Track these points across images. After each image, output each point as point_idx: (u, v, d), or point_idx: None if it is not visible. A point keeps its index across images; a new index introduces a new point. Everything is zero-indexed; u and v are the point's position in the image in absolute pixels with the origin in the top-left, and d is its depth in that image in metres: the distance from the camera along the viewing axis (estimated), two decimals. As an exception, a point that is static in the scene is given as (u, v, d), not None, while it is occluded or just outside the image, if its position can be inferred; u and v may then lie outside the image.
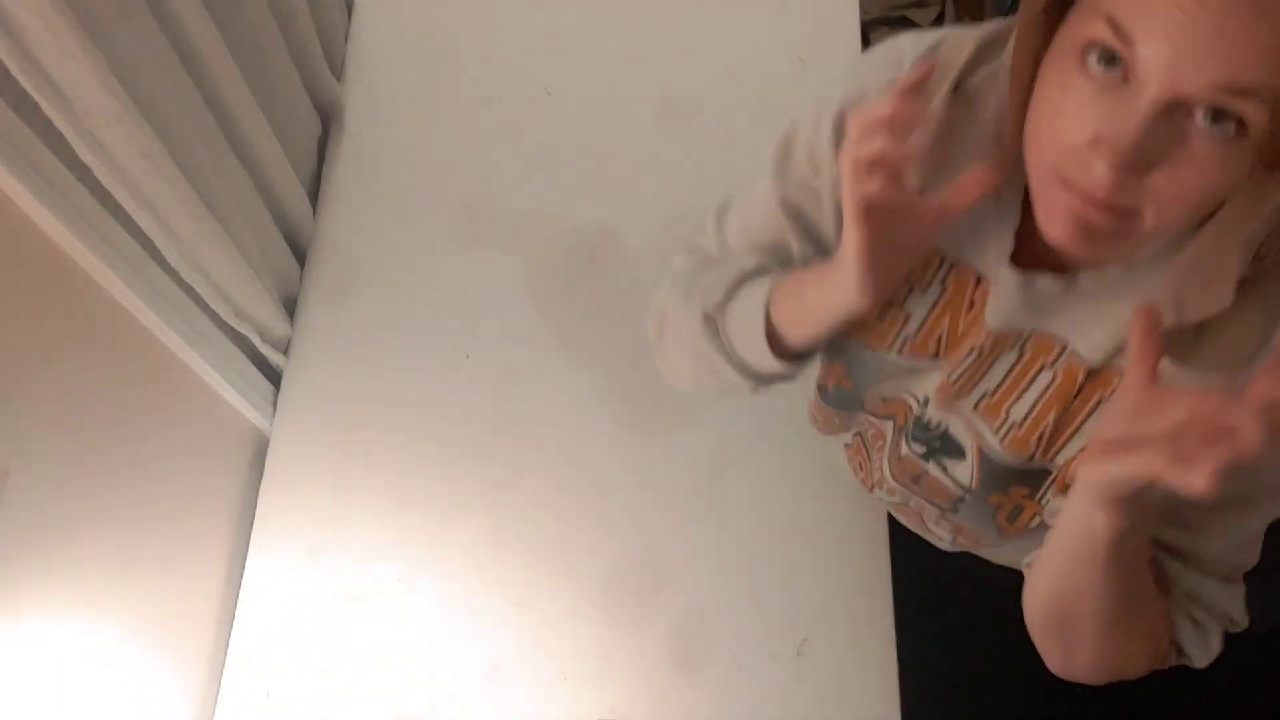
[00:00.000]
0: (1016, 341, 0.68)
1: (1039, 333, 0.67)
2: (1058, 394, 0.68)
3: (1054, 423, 0.69)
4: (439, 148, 1.37)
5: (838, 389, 0.84)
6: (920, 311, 0.72)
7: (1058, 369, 0.67)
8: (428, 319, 1.26)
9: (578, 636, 1.09)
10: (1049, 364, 0.68)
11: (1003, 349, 0.69)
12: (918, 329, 0.73)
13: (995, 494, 0.76)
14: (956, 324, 0.71)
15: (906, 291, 0.72)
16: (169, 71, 0.91)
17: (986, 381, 0.71)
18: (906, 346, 0.74)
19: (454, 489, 1.16)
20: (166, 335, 0.97)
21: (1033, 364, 0.69)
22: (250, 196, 1.11)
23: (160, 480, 1.01)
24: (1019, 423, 0.71)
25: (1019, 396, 0.70)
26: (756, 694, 1.06)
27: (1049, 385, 0.68)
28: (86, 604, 0.88)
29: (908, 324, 0.73)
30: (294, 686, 1.07)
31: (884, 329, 0.75)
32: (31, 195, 0.76)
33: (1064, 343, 0.66)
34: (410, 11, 1.47)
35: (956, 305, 0.71)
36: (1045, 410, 0.69)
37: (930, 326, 0.73)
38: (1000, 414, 0.72)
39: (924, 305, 0.72)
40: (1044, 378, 0.68)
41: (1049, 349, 0.67)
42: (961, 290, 0.70)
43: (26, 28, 0.71)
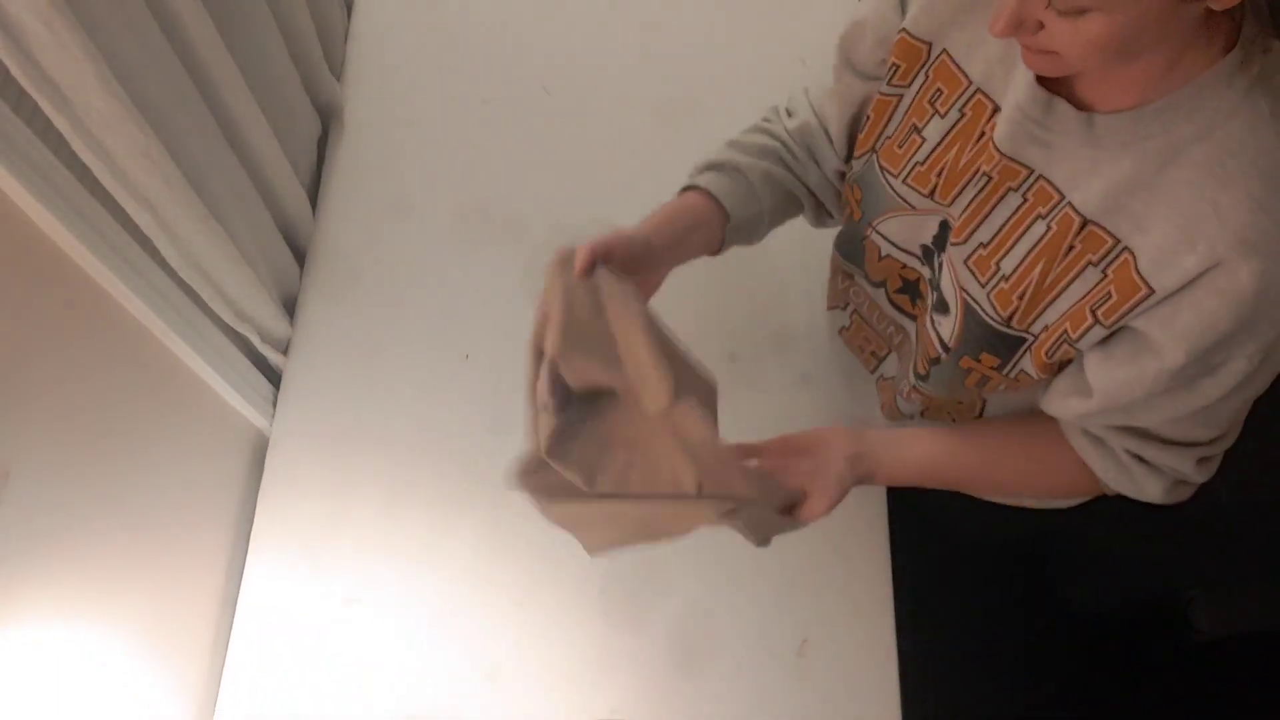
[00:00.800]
0: (1021, 183, 0.71)
1: (1044, 177, 0.70)
2: (1048, 246, 0.71)
3: (1039, 278, 0.72)
4: (439, 148, 1.37)
5: (849, 223, 0.91)
6: (934, 137, 0.77)
7: (1052, 220, 0.70)
8: (428, 319, 1.26)
9: (578, 636, 1.09)
10: (1044, 214, 0.71)
11: (1007, 186, 0.72)
12: (927, 156, 0.78)
13: (968, 358, 0.80)
14: (960, 156, 0.75)
15: (929, 116, 0.76)
16: (169, 71, 0.91)
17: (986, 227, 0.75)
18: (913, 174, 0.79)
19: (454, 489, 1.16)
20: (166, 335, 0.97)
21: (1030, 212, 0.72)
22: (250, 196, 1.11)
23: (160, 480, 1.01)
24: (1007, 275, 0.74)
25: (1011, 248, 0.73)
26: (756, 694, 1.06)
27: (1041, 237, 0.71)
28: (86, 604, 0.88)
29: (920, 149, 0.78)
30: (294, 686, 1.07)
31: (901, 153, 0.80)
32: (31, 195, 0.76)
33: (1062, 194, 0.69)
34: (410, 11, 1.47)
35: (967, 134, 0.74)
36: (1033, 263, 0.72)
37: (938, 156, 0.77)
38: (990, 267, 0.75)
39: (939, 132, 0.76)
40: (1037, 228, 0.71)
41: (1048, 198, 0.70)
42: (977, 119, 0.73)
43: (26, 28, 0.71)
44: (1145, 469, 0.75)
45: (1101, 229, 0.67)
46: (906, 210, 0.82)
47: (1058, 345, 0.72)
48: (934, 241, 0.82)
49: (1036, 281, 0.72)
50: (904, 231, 0.84)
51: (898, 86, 0.79)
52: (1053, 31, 0.58)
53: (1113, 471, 0.77)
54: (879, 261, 0.88)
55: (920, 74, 0.76)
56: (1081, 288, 0.70)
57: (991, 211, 0.74)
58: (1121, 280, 0.66)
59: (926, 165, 0.78)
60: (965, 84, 0.73)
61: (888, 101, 0.80)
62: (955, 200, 0.77)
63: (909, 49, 0.76)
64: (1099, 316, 0.68)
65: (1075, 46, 0.58)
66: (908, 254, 0.85)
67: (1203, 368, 0.66)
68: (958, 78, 0.74)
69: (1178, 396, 0.68)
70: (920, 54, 0.75)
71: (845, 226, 0.92)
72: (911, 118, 0.78)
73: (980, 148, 0.73)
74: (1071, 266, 0.70)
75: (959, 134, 0.75)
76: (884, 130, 0.82)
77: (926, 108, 0.77)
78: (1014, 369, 0.77)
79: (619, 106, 1.39)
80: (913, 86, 0.78)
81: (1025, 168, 0.71)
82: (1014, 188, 0.72)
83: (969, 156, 0.74)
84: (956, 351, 0.80)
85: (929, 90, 0.76)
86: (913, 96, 0.78)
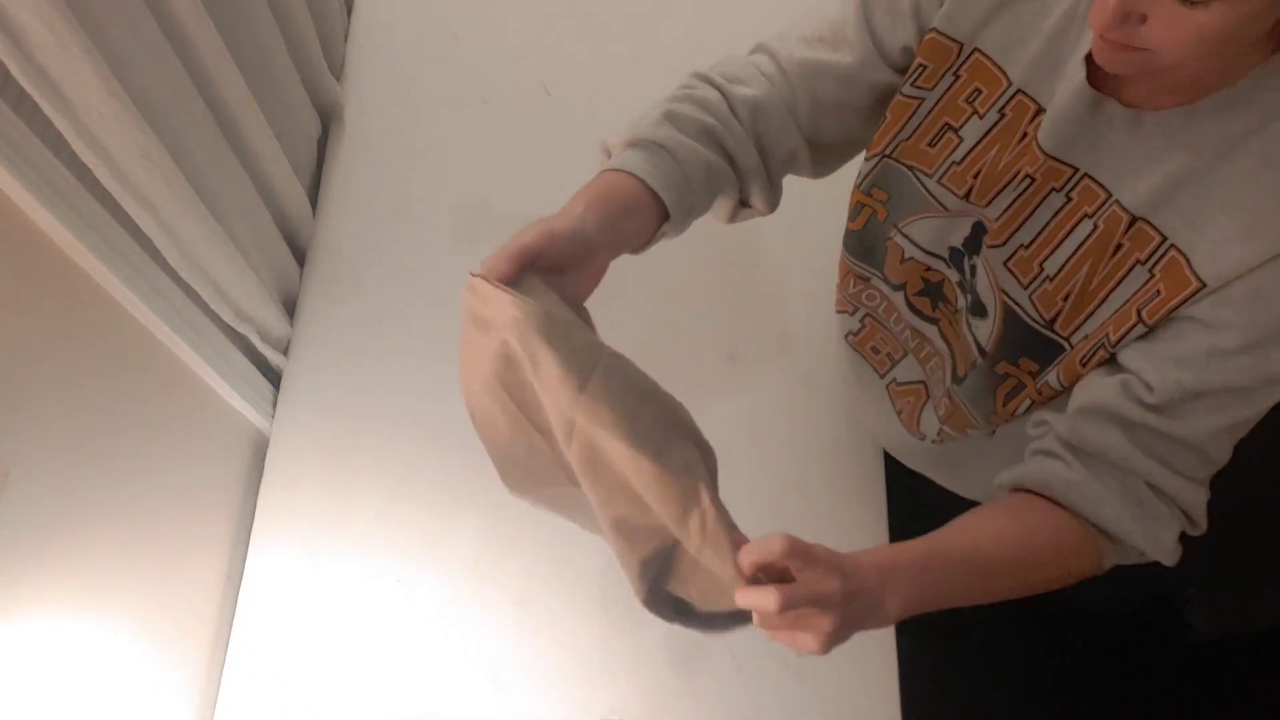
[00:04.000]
0: (1065, 183, 0.70)
1: (1089, 175, 0.69)
2: (1095, 245, 0.70)
3: (1085, 279, 0.70)
4: (439, 148, 1.37)
5: (870, 222, 0.86)
6: (972, 138, 0.75)
7: (1099, 219, 0.69)
8: (428, 319, 1.26)
9: (578, 636, 1.09)
10: (1091, 213, 0.69)
11: (1050, 186, 0.71)
12: (964, 156, 0.75)
13: (1006, 362, 0.78)
14: (1000, 158, 0.73)
15: (967, 115, 0.75)
16: (169, 72, 0.91)
17: (1028, 228, 0.73)
18: (948, 174, 0.77)
19: (454, 489, 1.16)
20: (166, 335, 0.97)
21: (1075, 211, 0.70)
22: (250, 196, 1.11)
23: (160, 480, 1.01)
24: (1051, 276, 0.72)
25: (1056, 248, 0.72)
26: (756, 694, 1.06)
27: (1088, 236, 0.70)
28: (87, 603, 0.88)
29: (957, 149, 0.76)
30: (294, 686, 1.07)
31: (934, 154, 0.78)
32: (31, 195, 0.76)
33: (1110, 192, 0.68)
34: (410, 12, 1.47)
35: (1008, 136, 0.73)
36: (1079, 264, 0.71)
37: (975, 156, 0.75)
38: (1033, 268, 0.73)
39: (977, 132, 0.74)
40: (1084, 228, 0.70)
41: (1094, 197, 0.69)
42: (1019, 119, 0.72)
43: (26, 28, 0.71)
44: (1162, 508, 0.70)
45: (1150, 226, 0.66)
46: (939, 212, 0.80)
47: (1094, 351, 0.71)
48: (965, 244, 0.80)
49: (1083, 283, 0.70)
50: (932, 234, 0.82)
51: (921, 89, 0.76)
52: (1154, 24, 0.56)
53: (1127, 517, 0.70)
54: (901, 264, 0.86)
55: (948, 75, 0.75)
56: (1128, 289, 0.68)
57: (1033, 213, 0.73)
58: (1171, 278, 0.65)
59: (964, 166, 0.76)
60: (1005, 84, 0.72)
61: (909, 104, 0.77)
62: (992, 202, 0.75)
63: (939, 49, 0.74)
64: (1144, 316, 0.67)
65: (1179, 41, 0.56)
66: (933, 256, 0.83)
67: (1259, 362, 0.64)
68: (997, 78, 0.72)
69: (1231, 400, 0.66)
70: (950, 54, 0.74)
71: (863, 228, 0.88)
72: (944, 116, 0.76)
73: (1022, 149, 0.72)
74: (1119, 266, 0.69)
75: (999, 135, 0.73)
76: (899, 133, 0.79)
77: (963, 107, 0.75)
78: (1042, 379, 0.76)
79: (619, 106, 1.39)
80: (937, 89, 0.76)
81: (1070, 167, 0.70)
82: (1057, 188, 0.71)
83: (1010, 158, 0.73)
84: (993, 356, 0.79)
85: (964, 90, 0.74)
86: (939, 96, 0.76)
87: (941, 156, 0.77)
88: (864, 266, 0.91)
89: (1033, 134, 0.71)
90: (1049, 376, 0.75)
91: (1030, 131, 0.71)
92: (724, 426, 1.20)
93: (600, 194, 0.74)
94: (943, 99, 0.76)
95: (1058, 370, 0.74)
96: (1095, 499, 0.70)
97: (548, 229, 0.69)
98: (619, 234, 0.74)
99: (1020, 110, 0.72)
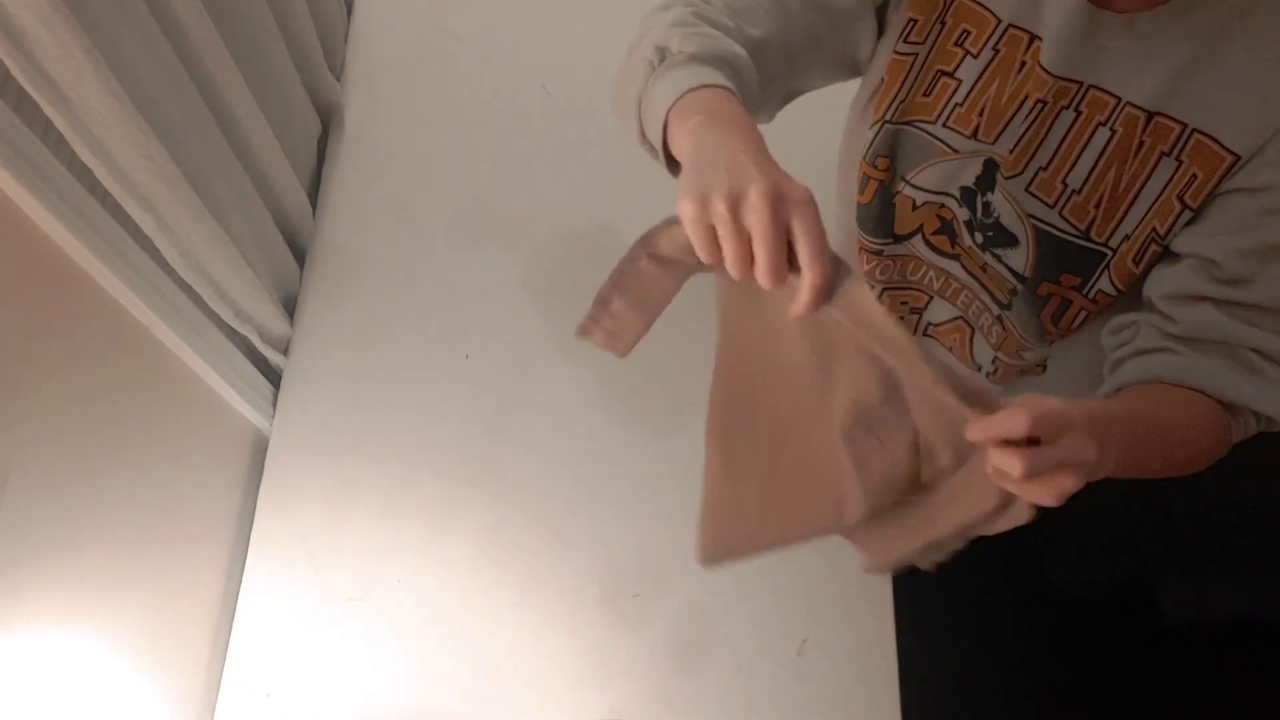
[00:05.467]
0: (1074, 97, 0.72)
1: (1094, 86, 0.71)
2: (1117, 150, 0.71)
3: (1112, 183, 0.72)
4: (439, 148, 1.37)
5: (877, 192, 0.85)
6: (970, 78, 0.76)
7: (1114, 123, 0.71)
8: (428, 319, 1.26)
9: (578, 636, 1.09)
10: (1104, 120, 0.71)
11: (1061, 104, 0.72)
12: (965, 96, 0.77)
13: (1047, 282, 0.78)
14: (1003, 91, 0.75)
15: (960, 58, 0.76)
16: (169, 71, 0.91)
17: (1042, 153, 0.74)
18: (952, 116, 0.78)
19: (454, 489, 1.16)
20: (166, 335, 0.97)
21: (1089, 123, 0.72)
22: (250, 196, 1.11)
23: (160, 480, 1.01)
24: (1078, 189, 0.74)
25: (1075, 161, 0.73)
26: (756, 694, 1.06)
27: (1108, 142, 0.71)
28: (86, 602, 0.88)
29: (956, 92, 0.77)
30: (294, 686, 1.07)
31: (932, 102, 0.79)
32: (31, 195, 0.76)
33: (1118, 97, 0.70)
34: (410, 11, 1.47)
35: (1006, 68, 0.74)
36: (1104, 170, 0.72)
37: (977, 94, 0.76)
38: (1056, 186, 0.74)
39: (974, 71, 0.76)
40: (1100, 136, 0.72)
41: (1103, 105, 0.71)
42: (1014, 52, 0.74)
43: (26, 28, 0.71)
44: (1275, 370, 0.69)
45: (1168, 118, 0.69)
46: (947, 155, 0.80)
47: (1145, 247, 0.72)
48: (977, 182, 0.80)
49: (1111, 187, 0.72)
50: (941, 177, 0.82)
51: (914, 44, 0.78)
52: None
53: (1246, 387, 0.68)
54: (913, 212, 0.86)
55: (936, 24, 0.77)
56: (1159, 182, 0.70)
57: (1047, 135, 0.74)
58: (1203, 159, 0.68)
59: (966, 106, 0.77)
60: (995, 22, 0.74)
61: (904, 61, 0.79)
62: (1001, 136, 0.76)
63: (926, 1, 0.76)
64: (1187, 201, 0.69)
65: None
66: (944, 195, 0.83)
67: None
68: (985, 17, 0.74)
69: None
70: (938, 2, 0.76)
71: (871, 200, 0.87)
72: (935, 65, 0.78)
73: (1024, 77, 0.74)
74: (1145, 163, 0.71)
75: (997, 69, 0.75)
76: (897, 94, 0.80)
77: (955, 50, 0.76)
78: (1093, 288, 0.77)
79: (619, 106, 1.39)
80: (928, 40, 0.77)
81: (1075, 82, 0.72)
82: (1066, 105, 0.73)
83: (1013, 88, 0.75)
84: (1034, 280, 0.80)
85: (952, 34, 0.76)
86: (930, 48, 0.78)
87: (940, 101, 0.79)
88: (874, 239, 0.91)
89: (1032, 61, 0.72)
90: (1100, 284, 0.76)
91: (1029, 60, 0.73)
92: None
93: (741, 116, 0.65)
94: (933, 49, 0.78)
95: (1108, 274, 0.75)
96: (1212, 374, 0.69)
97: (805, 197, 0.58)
98: None
99: (1014, 43, 0.74)
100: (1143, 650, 1.71)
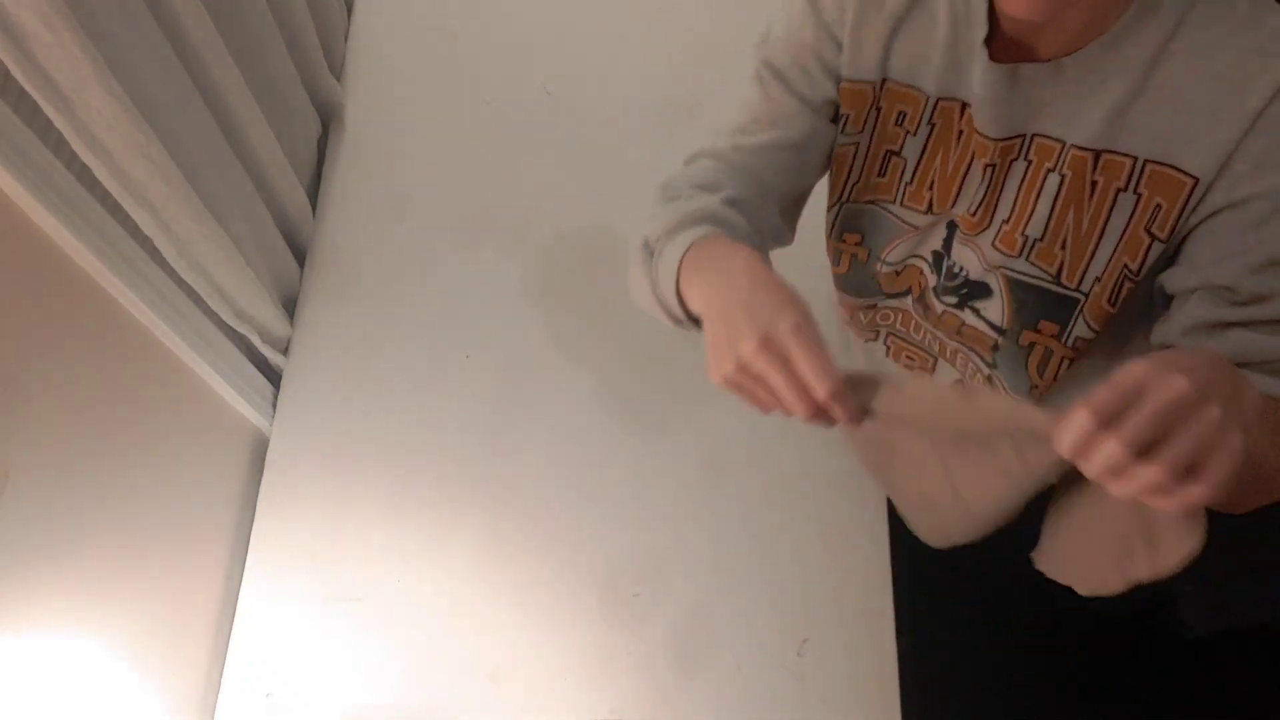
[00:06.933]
0: (1020, 148, 0.72)
1: (1038, 135, 0.71)
2: (1070, 192, 0.71)
3: (1074, 225, 0.72)
4: (439, 148, 1.37)
5: (853, 264, 0.88)
6: (914, 155, 0.77)
7: (1063, 168, 0.71)
8: (428, 319, 1.26)
9: (578, 636, 1.09)
10: (1053, 166, 0.71)
11: (1010, 158, 0.73)
12: (913, 174, 0.78)
13: (1028, 330, 0.79)
14: (947, 161, 0.75)
15: (902, 137, 0.76)
16: (169, 72, 0.91)
17: (1001, 207, 0.75)
18: (906, 195, 0.79)
19: (454, 489, 1.16)
20: (166, 335, 0.97)
21: (1039, 170, 0.72)
22: (250, 196, 1.11)
23: (160, 480, 1.01)
24: (1040, 237, 0.74)
25: (1032, 211, 0.73)
26: (756, 694, 1.06)
27: (1060, 186, 0.71)
28: (86, 603, 0.88)
29: (904, 170, 0.78)
30: (294, 686, 1.07)
31: (887, 182, 0.80)
32: (31, 195, 0.76)
33: (1062, 140, 0.70)
34: (410, 11, 1.47)
35: (946, 138, 0.75)
36: (1062, 214, 0.72)
37: (923, 171, 0.77)
38: (1017, 239, 0.75)
39: (916, 148, 0.77)
40: (1052, 181, 0.71)
41: (1049, 151, 0.71)
42: (949, 123, 0.74)
43: (26, 28, 0.71)
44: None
45: (1115, 154, 0.68)
46: (911, 232, 0.82)
47: (1119, 285, 0.72)
48: (943, 245, 0.82)
49: (1073, 229, 0.72)
50: (909, 249, 0.84)
51: (853, 135, 0.79)
52: None
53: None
54: (896, 278, 0.88)
55: (871, 111, 0.77)
56: (1121, 218, 0.70)
57: (1003, 189, 0.75)
58: (1163, 188, 0.67)
59: (915, 183, 0.79)
60: (924, 98, 0.74)
61: (847, 150, 0.80)
62: (956, 202, 0.77)
63: (855, 95, 0.76)
64: (1154, 233, 0.68)
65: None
66: (919, 259, 0.85)
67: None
68: (914, 96, 0.75)
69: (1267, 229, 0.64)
70: (866, 95, 0.76)
71: (849, 271, 0.89)
72: (883, 146, 0.79)
73: (965, 144, 0.74)
74: (1103, 202, 0.70)
75: (937, 143, 0.76)
76: (848, 178, 0.82)
77: (896, 131, 0.77)
78: (1071, 335, 0.77)
79: (619, 106, 1.39)
80: (866, 128, 0.78)
81: (1019, 137, 0.72)
82: (1015, 158, 0.73)
83: (956, 157, 0.75)
84: (1013, 329, 0.80)
85: (890, 116, 0.77)
86: (871, 133, 0.79)
87: (894, 181, 0.80)
88: (865, 299, 0.94)
89: (969, 129, 0.73)
90: (1077, 329, 0.76)
91: (965, 128, 0.73)
92: (725, 427, 1.20)
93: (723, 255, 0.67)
94: (875, 133, 0.78)
95: (1083, 318, 0.75)
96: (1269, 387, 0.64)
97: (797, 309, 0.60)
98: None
99: (947, 114, 0.74)
100: (1142, 650, 1.71)
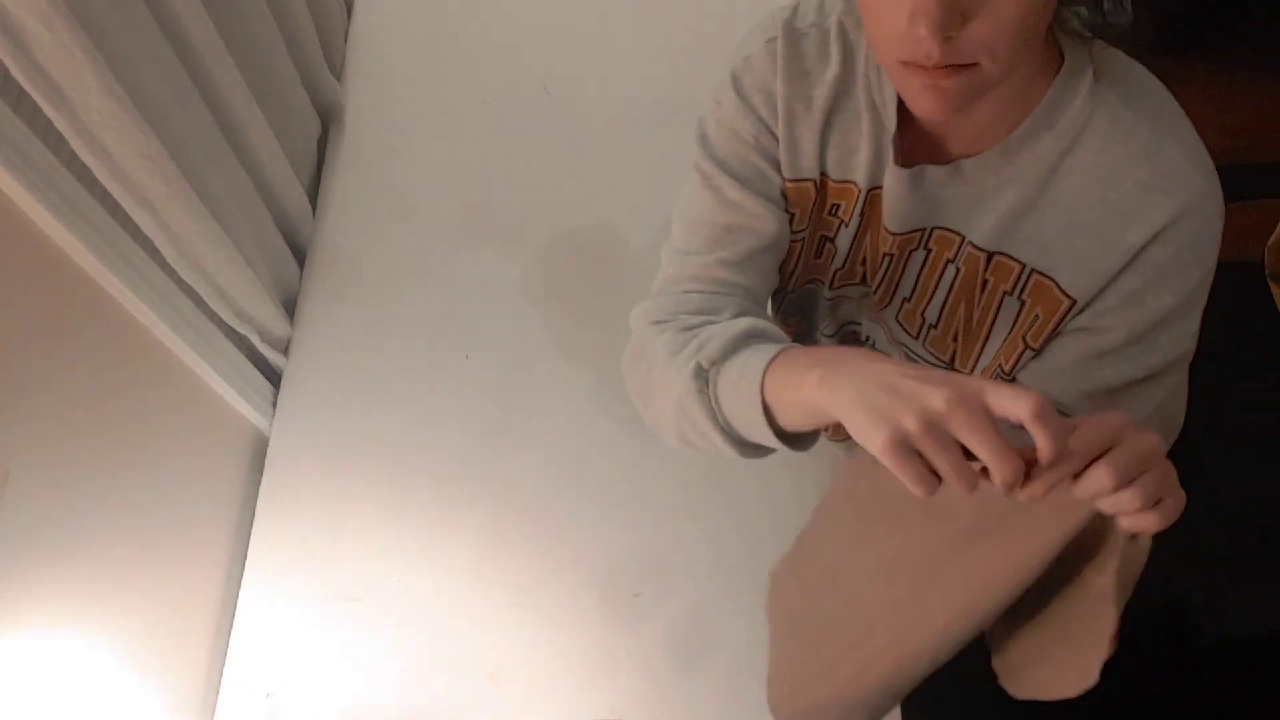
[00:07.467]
0: (921, 239, 0.74)
1: (938, 227, 0.72)
2: (963, 286, 0.73)
3: (964, 318, 0.74)
4: (439, 148, 1.37)
5: (795, 337, 0.90)
6: (845, 243, 0.79)
7: (959, 261, 0.73)
8: (428, 319, 1.26)
9: (578, 636, 1.09)
10: (952, 257, 0.73)
11: (910, 249, 0.75)
12: (845, 260, 0.80)
13: None
14: (875, 245, 0.77)
15: (836, 226, 0.78)
16: (169, 72, 0.91)
17: (903, 286, 0.78)
18: (837, 278, 0.81)
19: (454, 489, 1.16)
20: (166, 335, 0.97)
21: (939, 260, 0.74)
22: (250, 196, 1.11)
23: (160, 480, 1.01)
24: (934, 324, 0.77)
25: (931, 296, 0.76)
26: (756, 694, 1.06)
27: (955, 279, 0.74)
28: (86, 603, 0.88)
29: (836, 256, 0.80)
30: (294, 686, 1.07)
31: (822, 264, 0.82)
32: (31, 195, 0.76)
33: (961, 235, 0.72)
34: (410, 11, 1.47)
35: (874, 227, 0.77)
36: (955, 305, 0.75)
37: (854, 255, 0.79)
38: (917, 319, 0.78)
39: (849, 236, 0.78)
40: (949, 273, 0.74)
41: (949, 243, 0.73)
42: (877, 211, 0.75)
43: (26, 28, 0.71)
44: None
45: (1007, 257, 0.70)
46: (844, 304, 0.86)
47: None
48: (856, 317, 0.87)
49: (964, 322, 0.74)
50: (838, 324, 0.89)
51: (801, 230, 0.79)
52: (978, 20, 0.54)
53: None
54: (837, 341, 0.92)
55: (814, 207, 0.78)
56: (1006, 321, 0.72)
57: (904, 270, 0.77)
58: (1043, 300, 0.68)
59: (847, 268, 0.80)
60: (857, 191, 0.75)
61: (795, 246, 0.80)
62: (874, 279, 0.81)
63: (797, 193, 0.77)
64: (1029, 342, 0.70)
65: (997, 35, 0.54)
66: (852, 325, 0.90)
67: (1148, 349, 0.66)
68: (848, 189, 0.76)
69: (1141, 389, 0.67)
70: (809, 191, 0.76)
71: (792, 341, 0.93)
72: (819, 232, 0.80)
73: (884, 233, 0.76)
74: (991, 300, 0.72)
75: (866, 228, 0.77)
76: (794, 269, 0.83)
77: (830, 219, 0.78)
78: None
79: (619, 106, 1.39)
80: (810, 221, 0.79)
81: (918, 230, 0.74)
82: (915, 248, 0.75)
83: (881, 241, 0.77)
84: None
85: (825, 207, 0.78)
86: (813, 223, 0.79)
87: (828, 266, 0.82)
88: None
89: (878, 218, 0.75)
90: None
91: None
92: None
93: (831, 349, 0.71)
94: (812, 222, 0.79)
95: None
96: None
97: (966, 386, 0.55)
98: None
99: (876, 203, 0.75)
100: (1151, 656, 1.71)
